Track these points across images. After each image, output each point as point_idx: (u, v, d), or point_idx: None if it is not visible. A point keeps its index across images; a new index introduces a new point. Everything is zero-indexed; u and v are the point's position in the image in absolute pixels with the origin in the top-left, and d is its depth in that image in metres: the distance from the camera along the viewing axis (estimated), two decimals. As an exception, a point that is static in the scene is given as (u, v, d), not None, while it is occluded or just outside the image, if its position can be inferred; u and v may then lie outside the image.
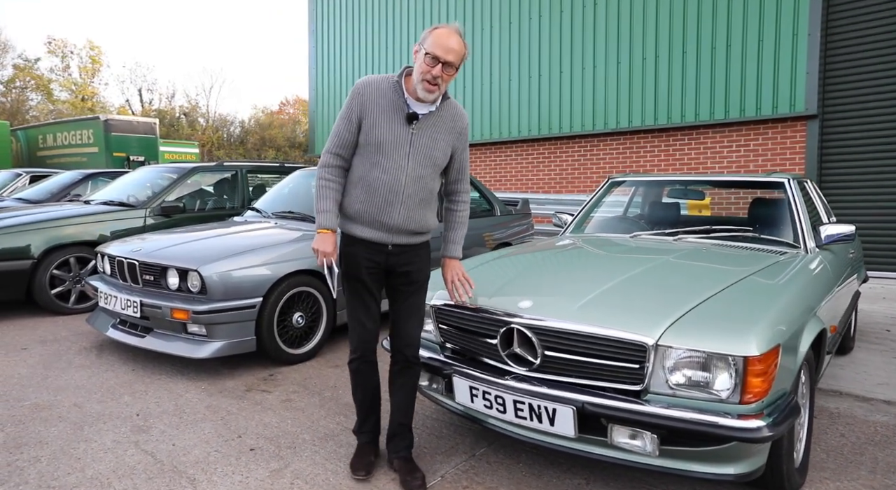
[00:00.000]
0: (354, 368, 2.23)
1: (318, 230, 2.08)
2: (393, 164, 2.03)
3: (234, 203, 5.91)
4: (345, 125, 2.07)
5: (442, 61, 1.95)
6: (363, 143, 2.06)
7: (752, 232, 2.95)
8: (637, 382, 1.85)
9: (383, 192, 2.04)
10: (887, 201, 6.97)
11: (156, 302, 3.32)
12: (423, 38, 2.01)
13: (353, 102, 2.05)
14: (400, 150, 2.04)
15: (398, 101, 2.05)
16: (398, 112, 2.04)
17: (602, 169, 9.09)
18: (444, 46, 1.95)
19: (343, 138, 2.08)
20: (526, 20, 9.67)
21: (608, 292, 2.11)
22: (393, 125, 2.03)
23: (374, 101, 2.04)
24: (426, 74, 1.97)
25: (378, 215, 2.06)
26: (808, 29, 7.09)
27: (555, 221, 3.93)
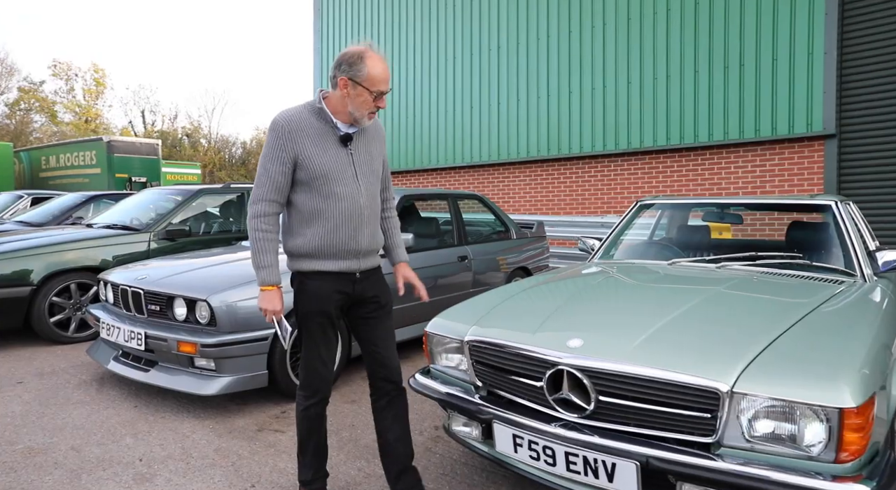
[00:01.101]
0: (314, 414, 2.10)
1: (262, 287, 1.98)
2: (346, 190, 1.99)
3: (240, 226, 5.73)
4: (277, 167, 1.94)
5: (385, 92, 1.96)
6: (306, 179, 1.96)
7: (802, 258, 2.75)
8: (707, 434, 1.64)
9: (346, 221, 1.99)
10: (910, 222, 6.79)
11: (161, 334, 3.11)
12: (353, 72, 1.91)
13: (281, 142, 1.93)
14: (347, 174, 2.00)
15: (325, 126, 1.99)
16: (330, 138, 1.99)
17: (613, 190, 8.93)
18: (386, 79, 1.96)
19: (278, 182, 1.95)
20: (534, 40, 9.61)
21: (665, 329, 1.91)
22: (330, 152, 1.98)
23: (303, 133, 1.95)
24: (371, 107, 1.97)
25: (346, 245, 2.01)
26: (824, 47, 6.98)
27: (580, 246, 3.74)
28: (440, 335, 2.31)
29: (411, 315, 4.09)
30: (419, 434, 2.90)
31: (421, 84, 11.20)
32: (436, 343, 2.33)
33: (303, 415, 2.11)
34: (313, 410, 2.10)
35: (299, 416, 2.13)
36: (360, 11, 12.37)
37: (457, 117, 10.67)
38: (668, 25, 8.15)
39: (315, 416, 2.11)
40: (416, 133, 11.29)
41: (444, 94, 10.87)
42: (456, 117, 10.68)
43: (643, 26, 8.39)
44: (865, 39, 6.96)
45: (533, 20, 9.62)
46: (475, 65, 10.38)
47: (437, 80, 10.98)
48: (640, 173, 8.64)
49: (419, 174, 11.45)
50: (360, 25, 12.35)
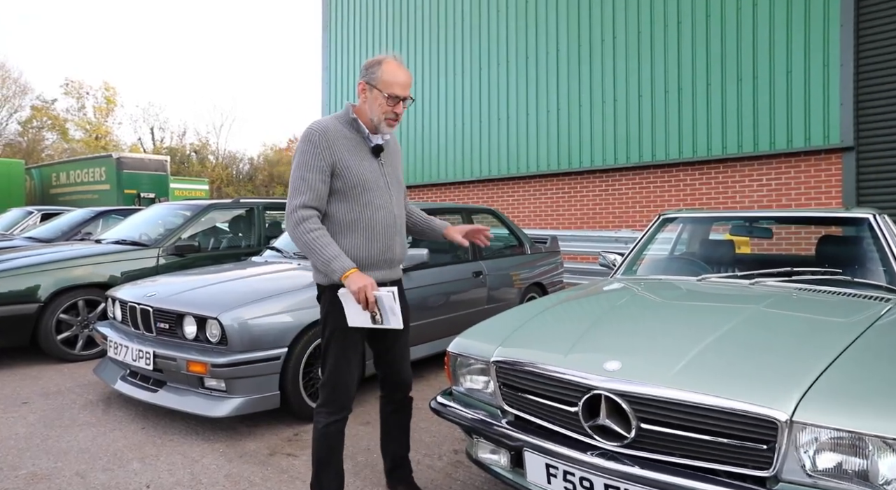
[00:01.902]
0: (335, 431, 2.04)
1: (345, 275, 1.87)
2: (381, 199, 2.03)
3: (250, 241, 5.65)
4: (316, 176, 1.94)
5: (402, 98, 1.99)
6: (342, 189, 1.98)
7: (842, 274, 2.62)
8: (763, 467, 1.51)
9: (383, 230, 2.04)
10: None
11: (170, 353, 3.01)
12: (370, 76, 1.99)
13: (321, 150, 1.94)
14: (380, 184, 2.05)
15: (358, 137, 2.04)
16: (363, 148, 2.03)
17: (625, 204, 8.82)
18: (403, 84, 1.98)
19: (318, 190, 1.95)
20: (543, 54, 9.58)
21: (708, 352, 1.78)
22: (365, 162, 2.02)
23: (340, 143, 1.98)
24: (389, 113, 1.99)
25: (383, 254, 2.05)
26: (840, 60, 6.89)
27: (601, 261, 3.63)
28: (464, 356, 2.19)
29: (425, 333, 3.97)
30: (438, 458, 2.77)
31: (431, 99, 11.18)
32: (459, 364, 2.21)
33: (323, 433, 2.03)
34: (334, 428, 2.04)
35: (319, 435, 2.04)
36: (368, 27, 12.42)
37: (467, 132, 10.62)
38: (680, 38, 8.09)
39: (336, 433, 2.05)
40: (426, 147, 11.25)
41: (454, 108, 10.84)
42: (466, 132, 10.63)
43: (654, 39, 8.34)
44: (882, 50, 6.87)
45: (542, 34, 9.59)
46: (485, 79, 10.36)
47: (446, 95, 10.95)
48: (653, 187, 8.53)
49: (430, 189, 11.38)
50: (369, 41, 12.39)
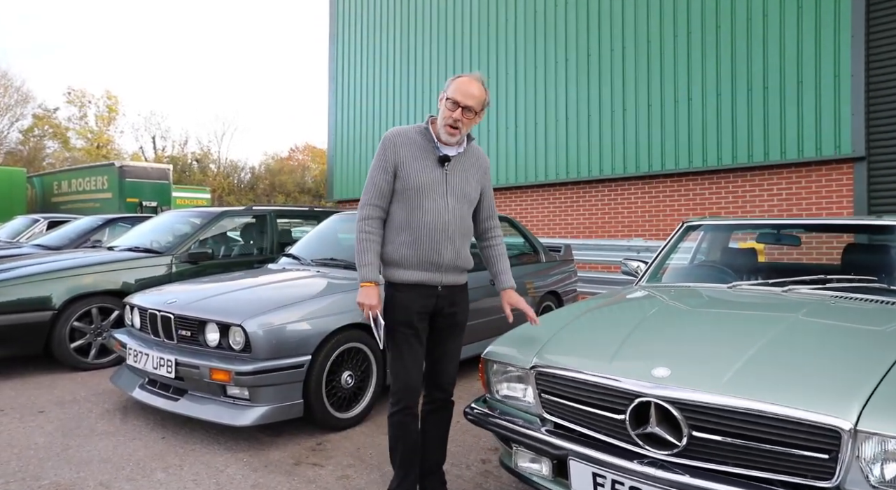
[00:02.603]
0: (397, 421, 2.19)
1: (362, 283, 2.10)
2: (434, 204, 2.12)
3: (262, 249, 5.62)
4: (381, 175, 2.14)
5: (462, 106, 2.08)
6: (401, 189, 2.14)
7: (878, 282, 2.59)
8: (825, 477, 1.47)
9: (430, 233, 2.11)
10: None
11: (193, 361, 2.97)
12: (446, 86, 2.15)
13: (387, 152, 2.14)
14: (437, 191, 2.13)
15: (428, 145, 2.16)
16: (430, 156, 2.15)
17: (634, 213, 8.80)
18: (464, 92, 2.09)
19: (381, 188, 2.15)
20: (552, 64, 9.61)
21: (757, 359, 1.75)
22: (427, 168, 2.13)
23: (406, 148, 2.14)
24: (448, 119, 2.11)
25: (428, 256, 2.12)
26: (851, 70, 6.91)
27: (624, 269, 3.60)
28: (501, 363, 2.16)
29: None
30: (466, 468, 2.73)
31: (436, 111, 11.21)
32: (495, 371, 2.18)
33: (389, 421, 2.22)
34: (396, 418, 2.18)
35: (389, 424, 2.23)
36: (376, 38, 12.48)
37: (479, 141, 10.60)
38: (689, 48, 8.12)
39: (398, 424, 2.18)
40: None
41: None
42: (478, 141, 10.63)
43: (663, 48, 8.37)
44: (893, 60, 6.88)
45: (551, 45, 9.63)
46: (492, 90, 10.38)
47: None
48: (662, 197, 8.52)
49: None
50: (376, 52, 12.44)
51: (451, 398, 2.32)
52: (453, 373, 2.31)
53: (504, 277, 2.33)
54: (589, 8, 9.19)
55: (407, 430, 2.18)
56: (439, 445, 2.33)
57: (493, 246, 2.36)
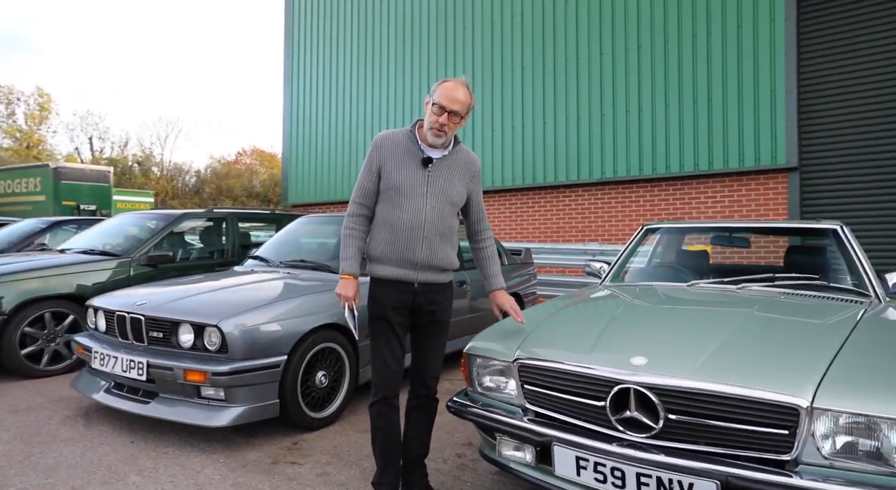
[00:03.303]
0: (376, 412, 2.25)
1: (342, 275, 2.22)
2: (413, 204, 2.19)
3: (223, 252, 5.53)
4: (366, 176, 2.27)
5: (447, 110, 2.16)
6: (384, 189, 2.23)
7: (818, 280, 2.85)
8: (784, 451, 1.64)
9: (406, 230, 2.19)
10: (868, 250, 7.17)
11: (166, 362, 2.93)
12: (433, 91, 2.22)
13: (373, 154, 2.26)
14: (418, 191, 2.21)
15: (412, 148, 2.25)
16: (413, 157, 2.23)
17: (587, 218, 9.12)
18: (450, 97, 2.16)
19: (365, 187, 2.27)
20: (509, 72, 9.85)
21: (724, 348, 1.92)
22: (409, 170, 2.22)
23: (391, 150, 2.24)
24: (434, 123, 2.18)
25: (403, 253, 2.20)
26: (786, 86, 7.43)
27: (588, 270, 3.77)
28: (483, 357, 2.26)
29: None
30: (443, 462, 2.81)
31: (396, 113, 11.27)
32: (479, 365, 2.28)
33: (371, 413, 2.27)
34: (375, 408, 2.25)
35: (370, 416, 2.28)
36: (332, 41, 12.44)
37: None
38: (640, 60, 8.51)
39: (377, 414, 2.24)
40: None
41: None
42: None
43: (615, 60, 8.73)
44: (821, 78, 7.44)
45: (508, 53, 9.88)
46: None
47: (413, 111, 11.07)
48: (615, 203, 8.86)
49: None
50: (331, 55, 12.39)
51: (434, 395, 2.37)
52: (436, 370, 2.36)
53: (494, 279, 2.42)
54: (545, 19, 9.49)
55: (385, 420, 2.23)
56: (422, 440, 2.38)
57: (483, 248, 2.45)
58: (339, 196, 11.97)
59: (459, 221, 2.41)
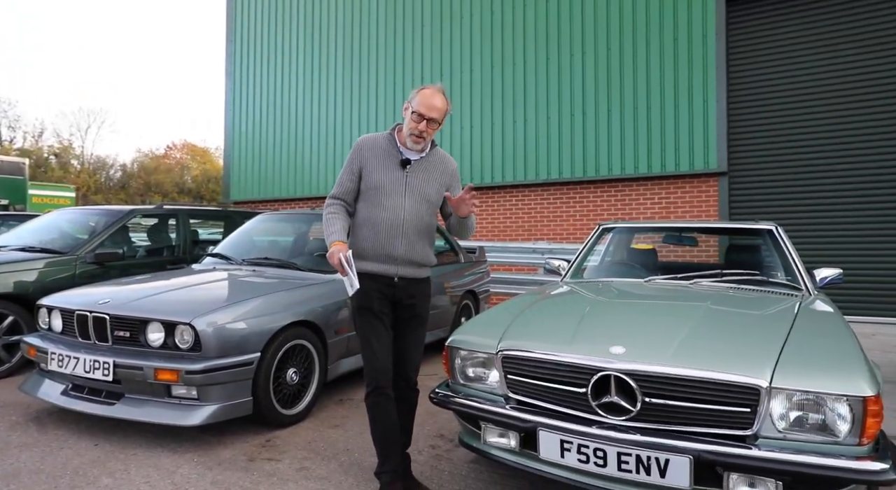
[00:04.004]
0: (372, 403, 2.32)
1: (332, 244, 2.24)
2: (392, 203, 2.32)
3: (174, 250, 5.37)
4: (347, 175, 2.39)
5: (426, 118, 2.28)
6: (365, 189, 2.35)
7: (759, 275, 3.14)
8: (746, 427, 1.84)
9: (386, 227, 2.31)
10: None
11: (134, 362, 2.86)
12: (411, 97, 2.34)
13: (354, 156, 2.38)
14: (397, 191, 2.33)
15: (392, 150, 2.37)
16: (392, 159, 2.36)
17: (534, 218, 9.41)
18: (428, 105, 2.28)
19: (346, 186, 2.39)
20: (457, 73, 10.00)
21: (692, 337, 2.11)
22: (389, 171, 2.34)
23: (372, 152, 2.36)
24: (413, 129, 2.30)
25: (383, 248, 2.31)
26: (716, 96, 7.96)
27: (547, 267, 3.95)
28: (467, 350, 2.37)
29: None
30: (418, 453, 2.89)
31: (344, 110, 11.19)
32: (462, 357, 2.38)
33: (366, 404, 2.34)
34: (371, 399, 2.31)
35: (366, 406, 2.35)
36: (277, 34, 12.18)
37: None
38: (584, 67, 8.87)
39: (373, 405, 2.31)
40: (337, 162, 11.20)
41: (364, 123, 10.93)
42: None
43: (561, 66, 9.05)
44: (746, 91, 8.04)
45: (457, 54, 10.03)
46: (397, 96, 10.57)
47: (362, 108, 11.02)
48: (559, 203, 9.19)
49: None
50: (276, 48, 12.14)
51: (415, 386, 2.48)
52: (416, 363, 2.47)
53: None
54: (493, 23, 9.70)
55: (382, 411, 2.30)
56: (406, 431, 2.48)
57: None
58: (284, 193, 11.75)
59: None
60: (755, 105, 8.03)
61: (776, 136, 7.90)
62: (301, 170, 11.62)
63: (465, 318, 5.59)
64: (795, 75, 7.80)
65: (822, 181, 7.64)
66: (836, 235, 7.53)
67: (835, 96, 7.59)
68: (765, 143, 7.96)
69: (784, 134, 7.86)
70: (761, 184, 8.00)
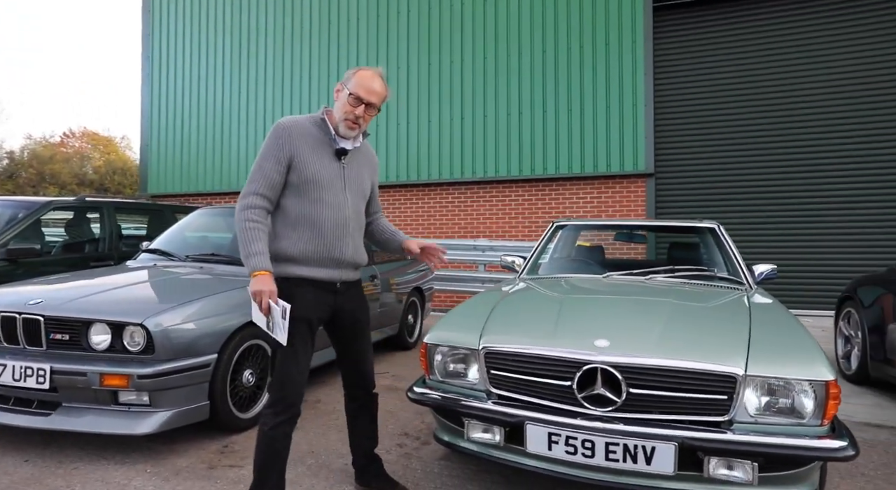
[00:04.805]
0: (281, 435, 2.00)
1: (255, 273, 1.90)
2: (334, 199, 2.05)
3: (97, 246, 4.97)
4: (273, 165, 2.00)
5: (365, 102, 2.04)
6: (297, 182, 2.02)
7: (707, 271, 3.33)
8: (723, 413, 1.95)
9: (331, 227, 2.04)
10: (708, 247, 8.35)
11: (76, 367, 2.61)
12: (346, 79, 2.07)
13: (281, 142, 2.01)
14: (336, 185, 2.07)
15: (324, 138, 2.09)
16: (326, 149, 2.08)
17: (470, 215, 9.50)
18: (368, 88, 2.04)
19: (272, 179, 2.01)
20: (394, 69, 9.91)
21: (668, 330, 2.20)
22: (324, 161, 2.06)
23: (302, 139, 2.03)
24: (349, 114, 2.04)
25: (329, 252, 2.05)
26: (644, 101, 8.38)
27: (503, 264, 3.99)
28: (448, 346, 2.35)
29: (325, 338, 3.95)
30: (387, 452, 2.84)
31: (275, 100, 10.78)
32: (444, 354, 2.36)
33: (270, 436, 1.99)
34: (282, 430, 2.00)
35: (265, 438, 1.99)
36: (201, 16, 11.54)
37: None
38: (521, 67, 9.05)
39: (283, 437, 2.01)
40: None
41: (297, 112, 10.59)
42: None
43: (498, 65, 9.19)
44: (673, 96, 8.53)
45: (393, 49, 9.93)
46: (334, 84, 10.33)
47: (289, 97, 10.66)
48: (495, 201, 9.34)
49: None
50: (200, 32, 11.50)
51: (373, 392, 2.37)
52: (371, 370, 2.35)
53: (399, 234, 2.37)
54: (430, 19, 9.69)
55: (288, 444, 2.06)
56: (374, 434, 2.40)
57: (377, 220, 2.39)
58: (209, 187, 11.17)
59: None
60: (680, 110, 8.53)
61: (699, 140, 8.43)
62: (228, 162, 11.10)
63: (411, 315, 5.56)
64: (718, 82, 8.36)
65: (743, 182, 8.23)
66: (757, 233, 8.12)
67: (756, 101, 8.19)
68: (689, 146, 8.47)
69: (707, 137, 8.40)
70: (686, 185, 8.50)
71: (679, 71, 8.56)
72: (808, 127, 7.93)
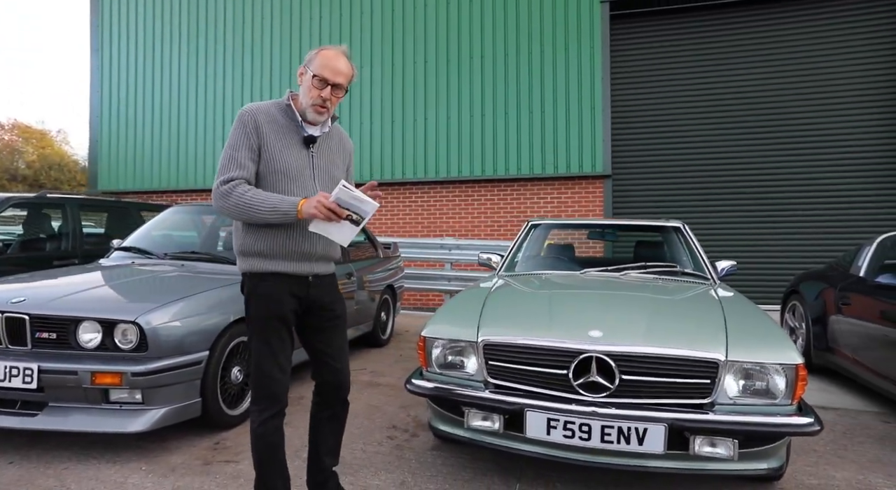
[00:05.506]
0: (272, 429, 1.92)
1: (298, 208, 1.81)
2: (303, 190, 1.93)
3: (60, 244, 4.81)
4: (245, 153, 1.87)
5: (331, 84, 1.91)
6: (264, 173, 1.90)
7: (675, 267, 3.56)
8: (706, 396, 2.14)
9: (301, 221, 1.86)
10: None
11: (65, 366, 2.57)
12: (308, 60, 1.96)
13: (250, 130, 1.89)
14: (304, 175, 1.95)
15: (291, 125, 1.96)
16: (294, 136, 1.96)
17: (433, 214, 9.61)
18: (333, 69, 1.91)
19: (247, 167, 1.87)
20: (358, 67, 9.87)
21: (654, 321, 2.38)
22: (293, 150, 1.94)
23: (269, 126, 1.91)
24: (315, 98, 1.92)
25: (298, 246, 1.93)
26: (602, 104, 8.71)
27: (481, 261, 4.11)
28: (445, 339, 2.46)
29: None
30: (378, 444, 2.92)
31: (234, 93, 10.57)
32: (442, 347, 2.47)
33: (259, 433, 1.90)
34: (272, 424, 1.91)
35: (255, 436, 1.91)
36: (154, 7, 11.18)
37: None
38: (483, 70, 9.22)
39: (274, 430, 1.92)
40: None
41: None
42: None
43: (461, 67, 9.33)
44: (629, 100, 8.90)
45: (357, 46, 9.91)
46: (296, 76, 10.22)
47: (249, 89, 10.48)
48: (458, 200, 9.48)
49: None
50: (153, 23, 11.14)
51: (347, 401, 2.14)
52: (348, 373, 2.12)
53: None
54: (394, 19, 9.74)
55: (281, 437, 1.96)
56: (336, 450, 2.18)
57: None
58: (163, 184, 10.84)
59: None
60: (637, 114, 8.91)
61: (655, 143, 8.82)
62: (185, 157, 10.80)
63: (384, 313, 5.62)
64: (673, 87, 8.78)
65: (697, 183, 8.67)
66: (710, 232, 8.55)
67: (709, 105, 8.64)
68: (645, 149, 8.86)
69: (662, 140, 8.80)
70: (642, 185, 8.89)
71: (635, 76, 8.94)
72: (759, 131, 8.43)
